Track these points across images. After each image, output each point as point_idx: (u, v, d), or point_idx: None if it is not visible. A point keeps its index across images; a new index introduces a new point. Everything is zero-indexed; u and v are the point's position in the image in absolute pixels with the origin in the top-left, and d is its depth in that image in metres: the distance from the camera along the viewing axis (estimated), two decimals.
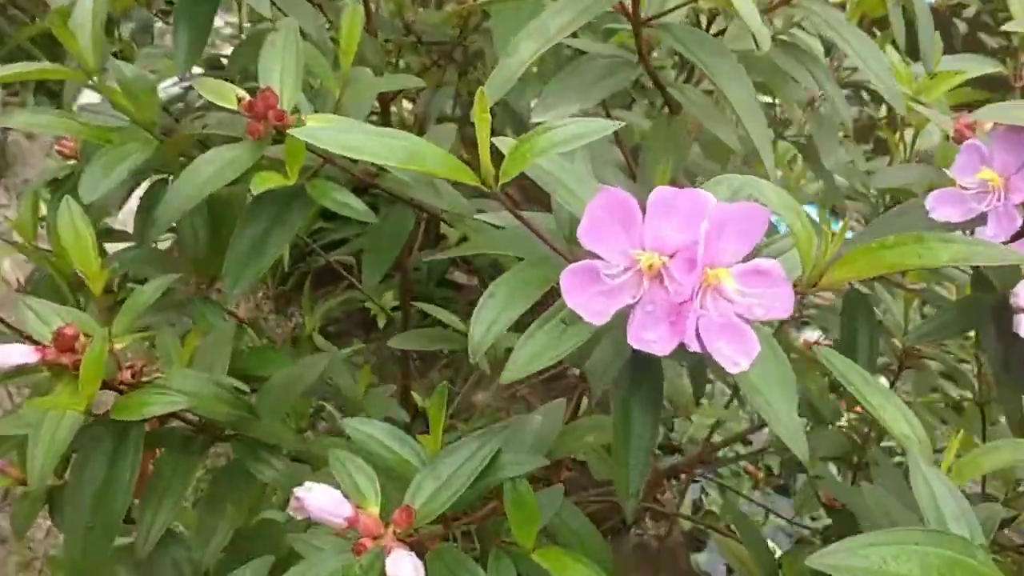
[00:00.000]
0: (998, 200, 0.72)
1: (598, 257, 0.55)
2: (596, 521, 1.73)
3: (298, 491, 0.66)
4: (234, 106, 0.80)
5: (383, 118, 1.13)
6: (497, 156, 0.59)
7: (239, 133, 0.81)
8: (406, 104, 1.80)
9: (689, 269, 0.53)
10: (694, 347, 0.52)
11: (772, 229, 0.70)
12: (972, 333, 1.03)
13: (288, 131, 0.55)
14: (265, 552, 0.86)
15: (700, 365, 1.04)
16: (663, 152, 0.83)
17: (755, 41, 0.67)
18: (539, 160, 0.57)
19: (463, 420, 1.49)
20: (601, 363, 0.62)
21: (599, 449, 1.02)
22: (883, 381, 1.18)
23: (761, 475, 2.31)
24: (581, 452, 0.94)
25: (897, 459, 1.27)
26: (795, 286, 0.59)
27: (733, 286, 0.54)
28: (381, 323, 2.03)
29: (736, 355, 0.54)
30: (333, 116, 0.81)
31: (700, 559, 2.22)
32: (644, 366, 0.63)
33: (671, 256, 0.54)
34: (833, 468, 1.37)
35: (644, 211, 0.54)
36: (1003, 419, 1.07)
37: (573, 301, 0.54)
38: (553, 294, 0.57)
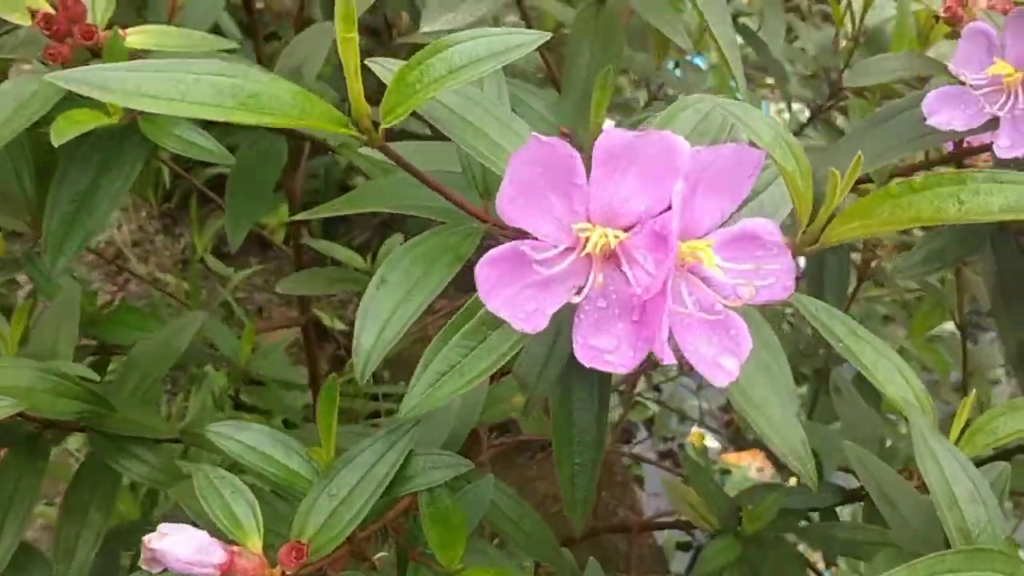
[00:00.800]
0: (1015, 101, 0.58)
1: (526, 235, 0.38)
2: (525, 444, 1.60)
3: (150, 539, 0.51)
4: (28, 21, 0.60)
5: (248, 15, 0.93)
6: (377, 87, 0.42)
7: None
8: None
9: (659, 248, 0.37)
10: (668, 359, 0.37)
11: None
12: None
13: (48, 77, 0.37)
14: None
15: None
16: (594, 53, 0.66)
17: None
18: (436, 94, 0.40)
19: None
20: (533, 366, 0.47)
21: None
22: None
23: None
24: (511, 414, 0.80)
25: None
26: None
27: (716, 264, 0.39)
28: (279, 238, 1.84)
29: (722, 357, 0.39)
30: (167, 28, 0.62)
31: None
32: None
33: (629, 229, 0.39)
34: None
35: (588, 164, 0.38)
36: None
37: (494, 302, 0.38)
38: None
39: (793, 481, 1.25)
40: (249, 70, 0.38)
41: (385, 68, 0.42)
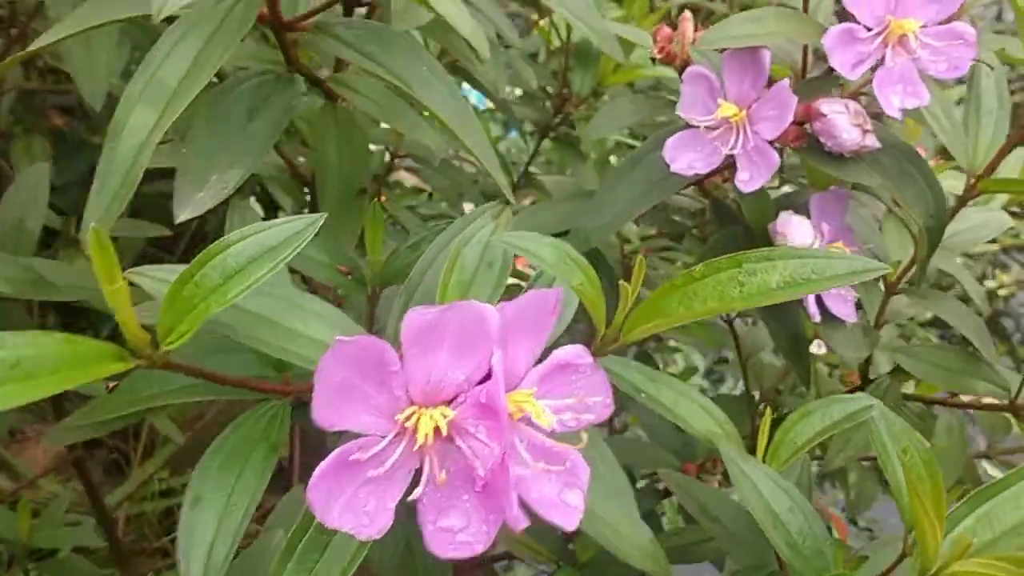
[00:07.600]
0: (745, 138, 0.62)
1: (351, 435, 0.37)
2: None
3: None
4: None
5: None
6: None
7: None
8: None
9: (489, 416, 0.37)
10: (522, 523, 0.37)
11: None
12: None
13: None
14: None
15: None
16: (341, 151, 0.64)
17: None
18: (219, 307, 0.37)
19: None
20: (390, 558, 0.45)
21: None
22: None
23: None
24: None
25: None
26: None
27: (541, 408, 0.39)
28: None
29: (565, 493, 0.40)
30: None
31: None
32: None
33: (452, 400, 0.38)
34: None
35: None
36: None
37: (331, 517, 0.36)
38: None
39: None
40: (3, 335, 0.33)
41: (157, 280, 0.38)
